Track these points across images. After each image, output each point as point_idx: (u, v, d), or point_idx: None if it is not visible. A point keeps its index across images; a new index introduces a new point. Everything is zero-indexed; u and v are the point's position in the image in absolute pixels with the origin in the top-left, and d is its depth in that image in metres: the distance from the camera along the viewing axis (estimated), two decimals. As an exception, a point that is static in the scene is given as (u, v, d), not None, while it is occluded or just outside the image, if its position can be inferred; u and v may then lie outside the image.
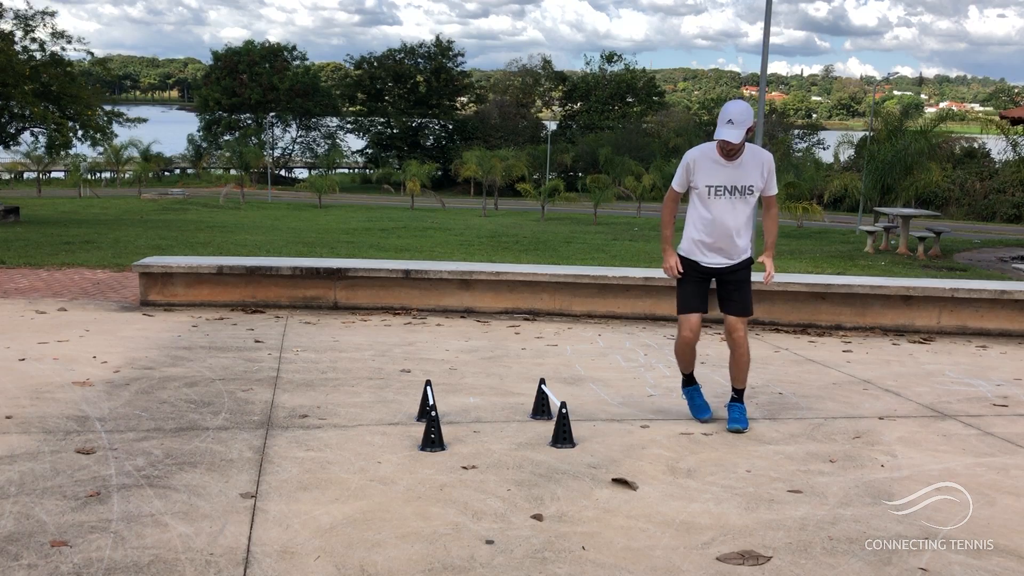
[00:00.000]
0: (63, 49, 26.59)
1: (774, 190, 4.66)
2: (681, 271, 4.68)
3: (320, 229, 23.27)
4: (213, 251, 14.51)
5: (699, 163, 4.54)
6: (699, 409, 4.86)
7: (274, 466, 3.93)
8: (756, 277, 5.03)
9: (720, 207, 4.55)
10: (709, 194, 4.53)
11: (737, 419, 4.68)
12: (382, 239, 20.09)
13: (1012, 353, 7.14)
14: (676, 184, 4.65)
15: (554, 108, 71.48)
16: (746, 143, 4.46)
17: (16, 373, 5.39)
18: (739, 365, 4.74)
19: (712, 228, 4.60)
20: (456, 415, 4.81)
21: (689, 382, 4.95)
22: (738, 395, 4.81)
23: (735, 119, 4.32)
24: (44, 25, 26.16)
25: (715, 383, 5.72)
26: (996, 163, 41.74)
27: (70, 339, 6.42)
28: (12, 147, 31.64)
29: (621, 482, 3.86)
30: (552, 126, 64.17)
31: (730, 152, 4.44)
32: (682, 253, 4.73)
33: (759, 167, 4.54)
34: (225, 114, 63.00)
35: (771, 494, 3.78)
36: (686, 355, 4.82)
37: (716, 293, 4.80)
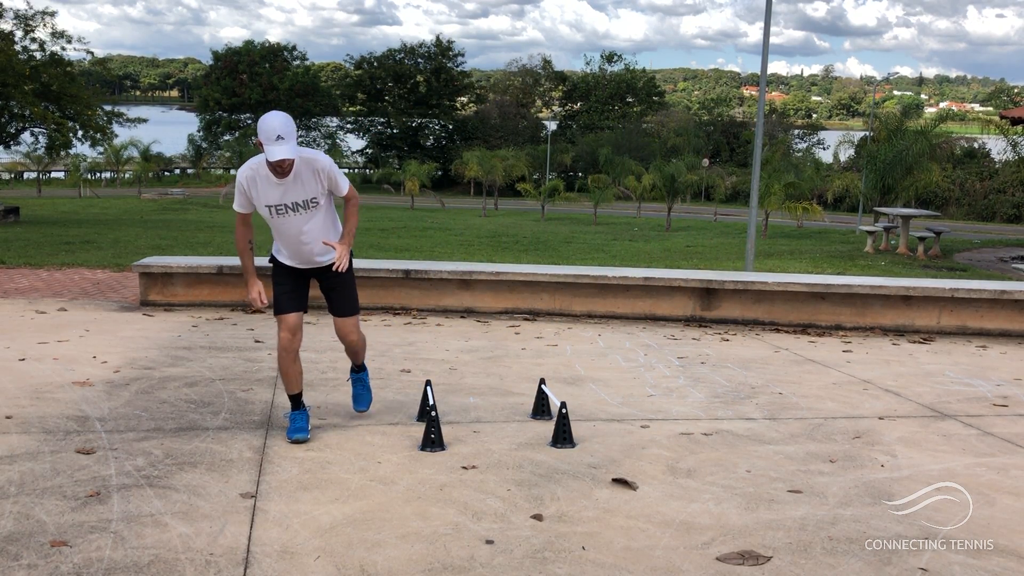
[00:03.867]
0: (63, 49, 26.62)
1: (344, 190, 4.26)
2: (264, 302, 4.41)
3: (320, 229, 23.24)
4: (213, 251, 14.50)
5: (253, 182, 4.10)
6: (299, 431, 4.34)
7: (274, 466, 3.93)
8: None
9: (285, 223, 4.20)
10: (272, 213, 4.15)
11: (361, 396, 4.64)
12: (382, 239, 20.08)
13: (1012, 353, 7.14)
14: (238, 206, 4.21)
15: (554, 108, 71.47)
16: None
17: (16, 373, 5.39)
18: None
19: (290, 241, 4.29)
20: (456, 415, 4.81)
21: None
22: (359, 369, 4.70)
23: (284, 133, 3.89)
24: (44, 25, 26.18)
25: (714, 383, 5.73)
26: (996, 163, 41.76)
27: (70, 339, 6.42)
28: (12, 147, 31.65)
29: (621, 482, 3.86)
30: (552, 126, 64.18)
31: (285, 171, 4.00)
32: (276, 256, 4.49)
33: (314, 176, 4.11)
34: (225, 114, 63.01)
35: (771, 494, 3.78)
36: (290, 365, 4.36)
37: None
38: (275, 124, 3.91)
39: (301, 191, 4.12)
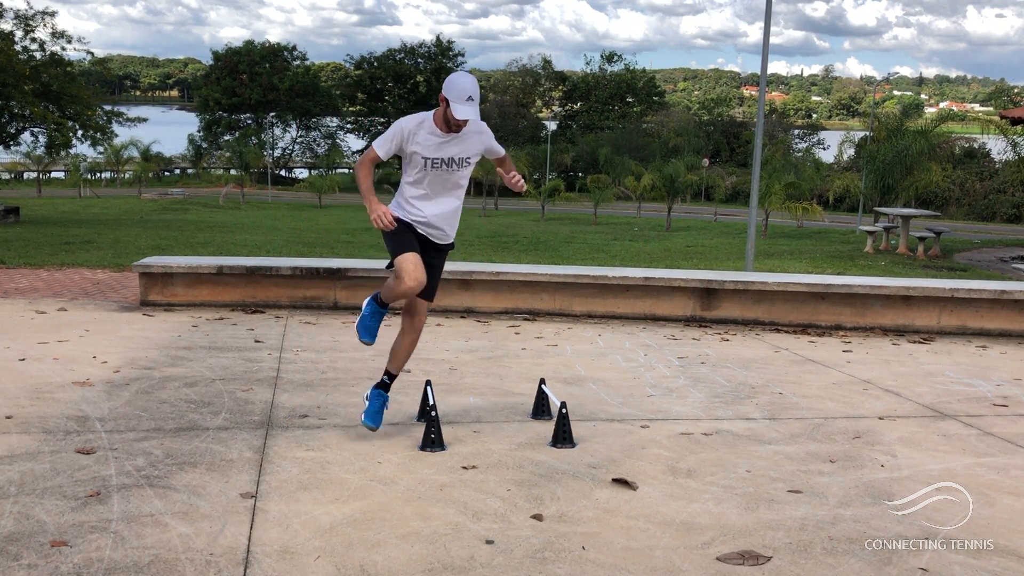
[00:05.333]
0: (63, 49, 26.64)
1: (501, 152, 4.45)
2: (392, 220, 4.18)
3: (320, 229, 23.28)
4: (213, 251, 14.51)
5: (416, 134, 4.18)
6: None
7: (274, 466, 3.93)
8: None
9: (435, 179, 4.25)
10: (427, 165, 4.21)
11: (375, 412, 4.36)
12: (382, 239, 20.08)
13: (1012, 353, 7.14)
14: (380, 150, 4.21)
15: (554, 108, 71.48)
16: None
17: (16, 373, 5.39)
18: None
19: (429, 200, 4.30)
20: (456, 415, 4.81)
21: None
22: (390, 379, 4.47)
23: (474, 95, 4.03)
24: (44, 25, 26.21)
25: (714, 383, 5.73)
26: (996, 163, 41.77)
27: (70, 339, 6.42)
28: (12, 147, 31.66)
29: (621, 482, 3.86)
30: (552, 126, 64.20)
31: (459, 129, 4.15)
32: (400, 214, 4.33)
33: (478, 137, 4.28)
34: (225, 114, 63.03)
35: (771, 494, 3.78)
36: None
37: None
38: (467, 84, 4.05)
39: (460, 149, 4.25)
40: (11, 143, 29.46)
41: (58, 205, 33.02)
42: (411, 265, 4.15)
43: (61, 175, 54.31)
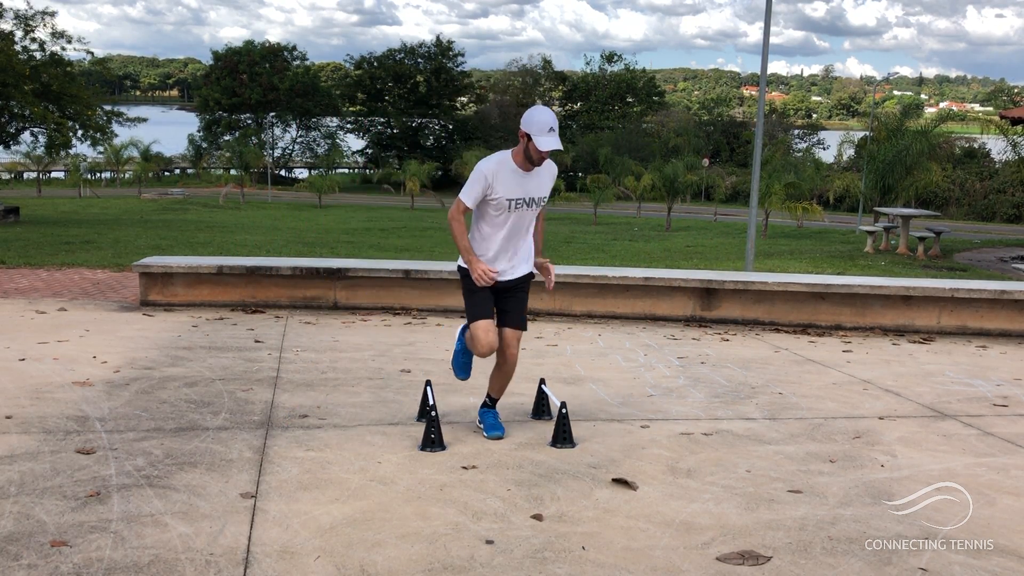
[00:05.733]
0: (63, 49, 26.63)
1: (547, 196, 4.42)
2: (495, 275, 4.28)
3: (320, 229, 23.28)
4: (213, 251, 14.51)
5: (499, 175, 4.19)
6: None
7: (274, 466, 3.93)
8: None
9: (516, 219, 4.28)
10: (510, 207, 4.22)
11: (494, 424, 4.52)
12: (382, 239, 20.09)
13: (1012, 353, 7.14)
14: (469, 200, 4.21)
15: (554, 108, 71.45)
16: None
17: (16, 373, 5.39)
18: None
19: (505, 239, 4.32)
20: (456, 415, 4.81)
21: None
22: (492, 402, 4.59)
23: (555, 127, 4.07)
24: (44, 25, 26.20)
25: (714, 383, 5.73)
26: (996, 163, 41.76)
27: (70, 339, 6.42)
28: (12, 147, 31.66)
29: (621, 482, 3.86)
30: (552, 126, 64.07)
31: (541, 162, 4.18)
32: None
33: (550, 176, 4.34)
34: (225, 114, 62.97)
35: (771, 494, 3.78)
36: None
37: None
38: (548, 117, 4.09)
39: (537, 187, 4.29)
40: (11, 143, 29.46)
41: (58, 205, 33.02)
42: (483, 333, 4.29)
43: (61, 175, 54.28)
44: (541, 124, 4.06)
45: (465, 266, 4.36)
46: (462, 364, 4.65)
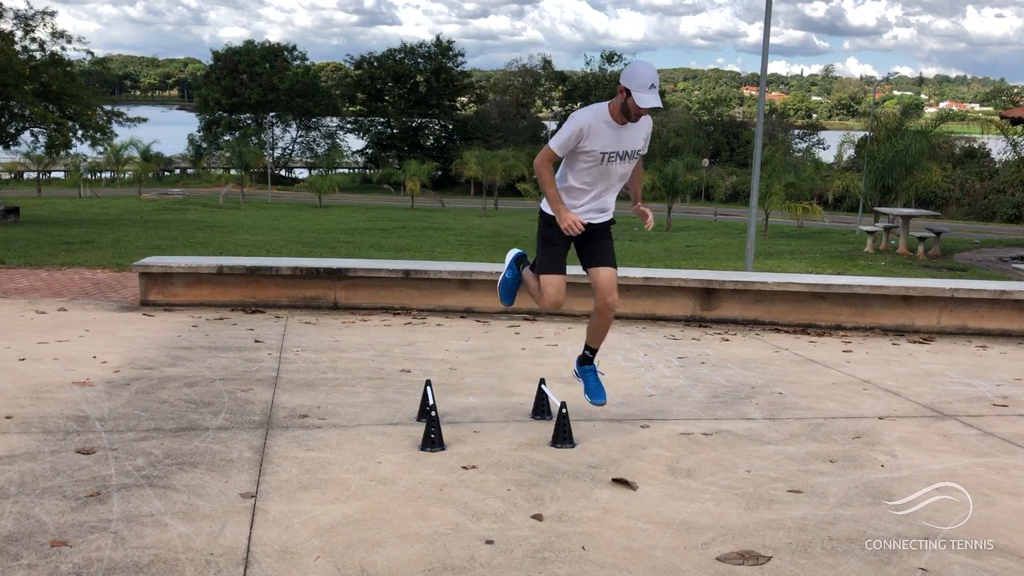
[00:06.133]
0: (63, 49, 26.65)
1: (645, 149, 4.44)
2: (584, 224, 4.24)
3: (320, 229, 23.28)
4: (213, 251, 14.51)
5: (594, 128, 4.17)
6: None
7: (274, 466, 3.93)
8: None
9: (606, 171, 4.28)
10: (603, 160, 4.22)
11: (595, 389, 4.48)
12: (382, 239, 20.09)
13: (1012, 353, 7.14)
14: (559, 148, 4.19)
15: (554, 108, 71.45)
16: None
17: (16, 373, 5.39)
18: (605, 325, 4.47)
19: (596, 190, 4.32)
20: (456, 415, 4.81)
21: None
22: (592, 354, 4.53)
23: (656, 83, 4.04)
24: (44, 25, 26.21)
25: (714, 383, 5.72)
26: (996, 163, 41.76)
27: (70, 339, 6.42)
28: (12, 147, 31.66)
29: (621, 482, 3.86)
30: (552, 126, 64.14)
31: (638, 118, 4.16)
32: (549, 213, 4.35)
33: (646, 130, 4.32)
34: (225, 114, 63.00)
35: (771, 494, 3.78)
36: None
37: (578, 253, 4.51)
38: (651, 73, 4.05)
39: (631, 141, 4.26)
40: (11, 143, 29.46)
41: (58, 205, 33.02)
42: (553, 289, 4.35)
43: (61, 175, 54.28)
44: (643, 80, 4.02)
45: (548, 211, 4.33)
46: (509, 291, 4.70)
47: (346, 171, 68.02)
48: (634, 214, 4.59)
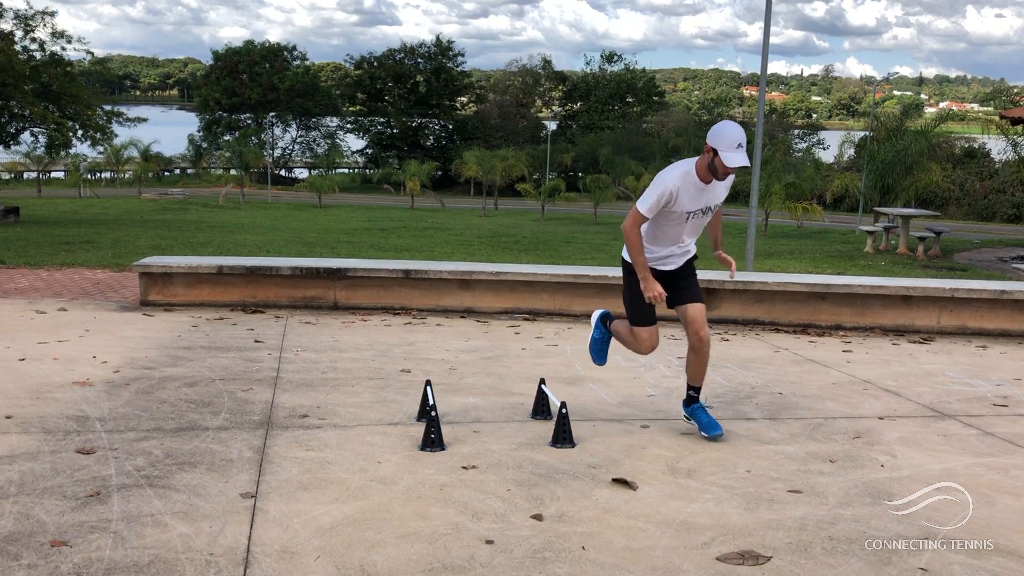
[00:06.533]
0: (63, 49, 26.63)
1: (724, 197, 4.51)
2: (664, 296, 4.42)
3: (320, 229, 23.28)
4: (213, 251, 14.51)
5: (682, 190, 4.26)
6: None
7: (274, 466, 3.93)
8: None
9: (690, 225, 4.43)
10: (687, 218, 4.36)
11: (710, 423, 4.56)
12: (382, 239, 20.09)
13: (1012, 353, 7.14)
14: (648, 211, 4.25)
15: (554, 108, 71.44)
16: None
17: (16, 373, 5.39)
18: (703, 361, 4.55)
19: (674, 243, 4.46)
20: (456, 415, 4.81)
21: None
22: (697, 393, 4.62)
23: (743, 143, 4.12)
24: (44, 25, 26.20)
25: (714, 383, 5.73)
26: (996, 163, 41.75)
27: (70, 339, 6.42)
28: (12, 147, 31.66)
29: (621, 482, 3.86)
30: (552, 126, 64.15)
31: (726, 176, 4.25)
32: (629, 262, 4.48)
33: (728, 184, 4.41)
34: (225, 114, 62.99)
35: (771, 494, 3.78)
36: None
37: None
38: (738, 133, 4.13)
39: (713, 196, 4.36)
40: (11, 143, 29.46)
41: (58, 205, 33.01)
42: (647, 336, 4.51)
43: (61, 175, 54.27)
44: (730, 140, 4.11)
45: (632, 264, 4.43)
46: (600, 351, 4.86)
47: (346, 171, 68.01)
48: (718, 260, 4.71)
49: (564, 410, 4.39)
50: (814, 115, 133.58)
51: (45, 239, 15.58)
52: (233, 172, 52.35)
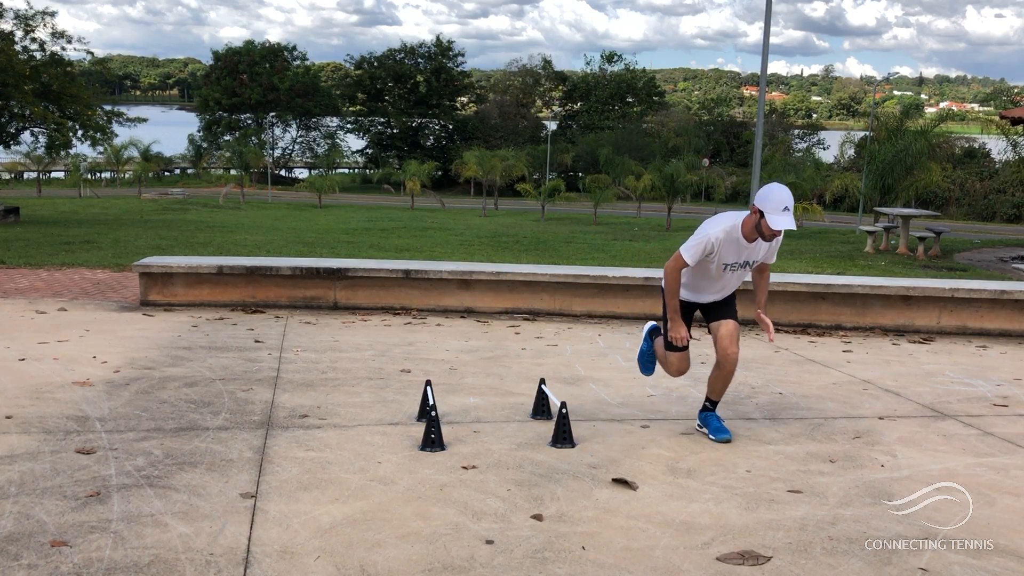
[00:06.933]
0: (63, 49, 26.60)
1: (774, 259, 4.60)
2: (691, 338, 4.59)
3: (320, 229, 23.27)
4: (213, 251, 14.51)
5: (724, 244, 4.34)
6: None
7: (274, 466, 3.93)
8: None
9: (727, 278, 4.50)
10: (724, 269, 4.43)
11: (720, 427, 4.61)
12: (382, 239, 20.08)
13: (1012, 353, 7.14)
14: (691, 259, 4.35)
15: (554, 108, 71.42)
16: None
17: (16, 373, 5.39)
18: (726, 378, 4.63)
19: (709, 289, 4.55)
20: (456, 415, 4.81)
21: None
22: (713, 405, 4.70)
23: (790, 206, 4.16)
24: (44, 25, 26.16)
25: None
26: (996, 163, 41.75)
27: (70, 339, 6.42)
28: (12, 147, 31.65)
29: (621, 482, 3.86)
30: (552, 126, 64.12)
31: (771, 239, 4.30)
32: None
33: (773, 244, 4.45)
34: (225, 114, 62.98)
35: (771, 494, 3.78)
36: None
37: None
38: (785, 196, 4.17)
39: (754, 253, 4.41)
40: (11, 143, 29.44)
41: (58, 205, 33.01)
42: (675, 360, 4.61)
43: (61, 175, 54.25)
44: (776, 203, 4.15)
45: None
46: (648, 363, 4.91)
47: (346, 171, 67.98)
48: (757, 320, 4.70)
49: (564, 410, 4.39)
50: (814, 115, 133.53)
51: (45, 239, 15.58)
52: (233, 172, 52.37)
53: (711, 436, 4.56)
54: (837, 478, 4.00)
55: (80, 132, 27.98)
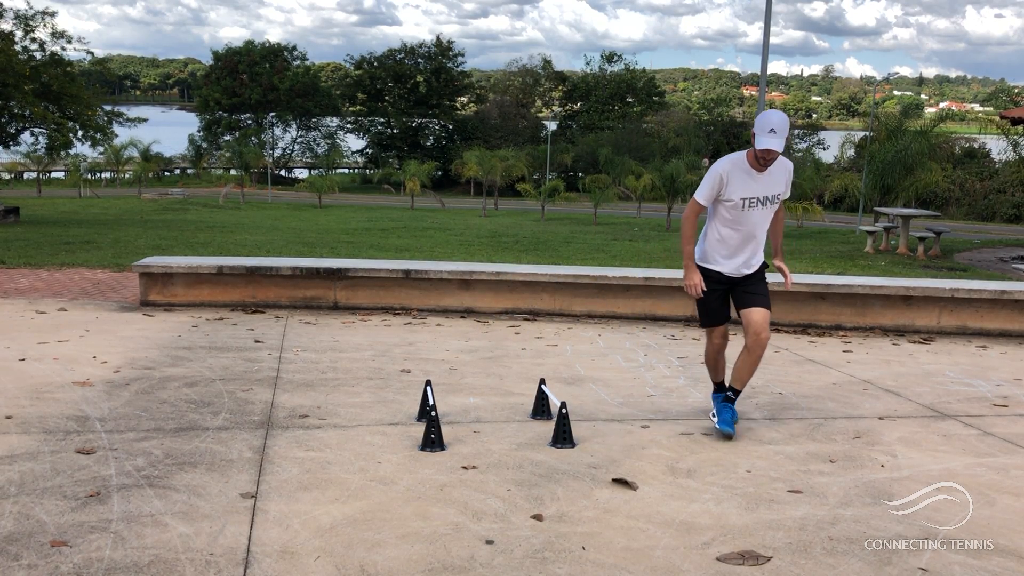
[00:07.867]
0: (63, 49, 26.60)
1: (787, 195, 4.64)
2: (705, 289, 4.55)
3: (320, 229, 23.27)
4: (213, 251, 14.51)
5: (732, 175, 4.41)
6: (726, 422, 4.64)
7: (274, 466, 3.93)
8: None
9: (752, 219, 4.48)
10: (744, 206, 4.43)
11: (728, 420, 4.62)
12: (382, 239, 20.08)
13: (1012, 353, 7.14)
14: (703, 198, 4.44)
15: (554, 108, 71.43)
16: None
17: (16, 373, 5.39)
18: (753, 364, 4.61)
19: (741, 238, 4.52)
20: (456, 415, 4.81)
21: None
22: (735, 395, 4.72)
23: (777, 128, 4.23)
24: (44, 25, 26.16)
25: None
26: (996, 163, 41.76)
27: (70, 339, 6.42)
28: (12, 147, 31.64)
29: (621, 482, 3.86)
30: (552, 126, 64.13)
31: (767, 162, 4.36)
32: (702, 264, 4.62)
33: (785, 175, 4.51)
34: (225, 114, 63.00)
35: (771, 494, 3.78)
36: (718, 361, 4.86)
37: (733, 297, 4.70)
38: (773, 119, 4.26)
39: (770, 186, 4.44)
40: (11, 143, 29.44)
41: (58, 205, 33.01)
42: (718, 338, 4.70)
43: (61, 175, 54.26)
44: (763, 124, 4.25)
45: (702, 264, 4.58)
46: (727, 420, 4.61)
47: (346, 171, 67.99)
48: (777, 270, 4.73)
49: (564, 410, 4.39)
50: (814, 115, 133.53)
51: (45, 239, 15.58)
52: (233, 172, 52.39)
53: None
54: (837, 478, 4.00)
55: (80, 132, 27.97)
